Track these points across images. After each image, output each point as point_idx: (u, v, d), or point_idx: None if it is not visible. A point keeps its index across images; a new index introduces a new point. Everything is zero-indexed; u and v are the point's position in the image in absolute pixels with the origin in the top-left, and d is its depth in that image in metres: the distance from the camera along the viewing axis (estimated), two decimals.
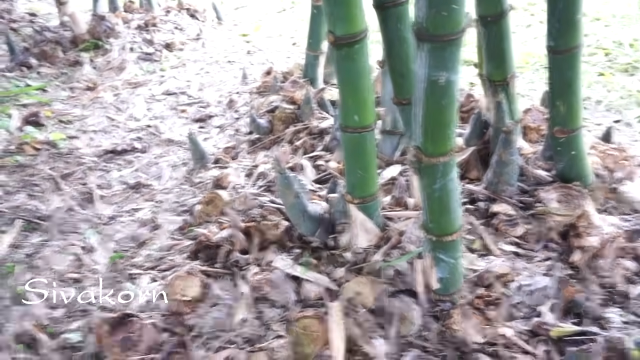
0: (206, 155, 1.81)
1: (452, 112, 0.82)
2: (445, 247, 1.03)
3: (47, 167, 1.95)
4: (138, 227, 1.59)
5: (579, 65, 1.18)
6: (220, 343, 1.14)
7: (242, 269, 1.30)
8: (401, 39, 1.03)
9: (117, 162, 1.99)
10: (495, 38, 1.28)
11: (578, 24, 1.11)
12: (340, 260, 1.24)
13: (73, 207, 1.71)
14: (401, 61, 1.06)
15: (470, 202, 1.38)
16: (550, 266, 1.20)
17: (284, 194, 1.21)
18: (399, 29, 1.01)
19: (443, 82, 0.77)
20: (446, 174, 0.90)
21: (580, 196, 1.27)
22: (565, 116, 1.25)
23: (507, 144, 1.26)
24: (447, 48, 0.74)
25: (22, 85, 2.71)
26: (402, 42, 1.03)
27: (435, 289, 1.10)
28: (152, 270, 1.39)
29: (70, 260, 1.49)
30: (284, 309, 1.18)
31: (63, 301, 1.34)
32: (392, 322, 1.07)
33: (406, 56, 1.05)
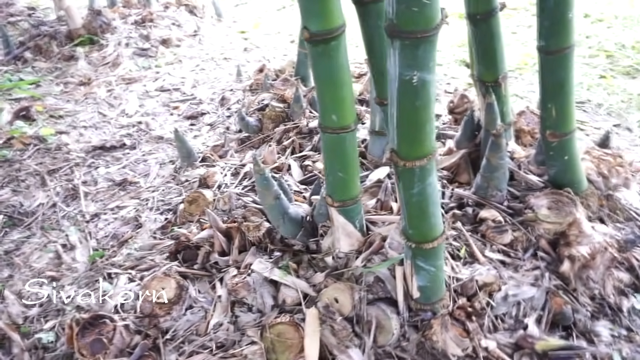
0: (193, 153, 1.78)
1: (427, 114, 0.78)
2: (425, 255, 0.99)
3: (34, 163, 1.93)
4: (120, 226, 1.56)
5: (571, 67, 1.13)
6: (193, 347, 1.10)
7: (221, 271, 1.27)
8: (381, 36, 0.98)
9: (105, 159, 1.96)
10: (485, 37, 1.23)
11: (569, 24, 1.06)
12: (321, 265, 1.20)
13: (57, 204, 1.69)
14: (381, 59, 1.02)
15: (458, 207, 1.33)
16: (538, 276, 1.16)
17: (263, 195, 1.17)
18: (379, 25, 0.97)
19: (416, 81, 0.73)
20: (424, 178, 0.86)
21: (572, 203, 1.22)
22: (557, 119, 1.20)
23: (496, 147, 1.21)
24: (420, 46, 0.70)
25: (15, 80, 2.69)
26: (382, 39, 0.98)
27: (416, 297, 1.06)
28: (131, 270, 1.36)
29: (49, 257, 1.46)
30: (261, 314, 1.15)
31: (39, 300, 1.32)
32: (370, 331, 1.03)
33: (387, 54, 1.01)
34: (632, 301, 1.18)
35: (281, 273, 1.18)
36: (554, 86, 1.16)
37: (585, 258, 1.13)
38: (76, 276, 1.38)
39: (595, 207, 1.32)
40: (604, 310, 1.15)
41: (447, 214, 1.30)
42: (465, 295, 1.10)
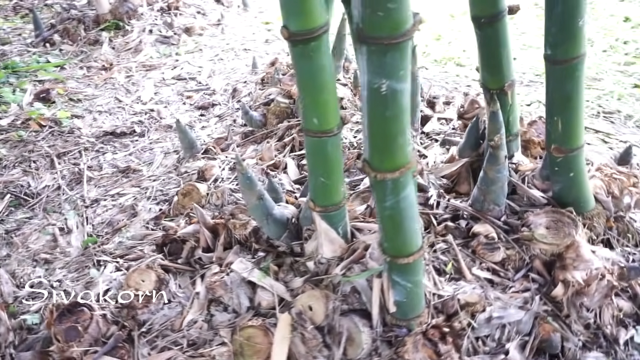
0: (196, 145, 1.78)
1: (399, 125, 0.73)
2: (400, 270, 0.94)
3: (47, 145, 1.98)
4: (117, 213, 1.58)
5: (580, 78, 1.05)
6: (166, 343, 1.10)
7: (203, 267, 1.26)
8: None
9: (114, 145, 1.99)
10: (490, 42, 1.16)
11: (579, 32, 0.98)
12: (303, 269, 1.17)
13: (62, 187, 1.73)
14: None
15: (452, 219, 1.27)
16: (528, 299, 1.09)
17: (246, 195, 1.15)
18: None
19: (385, 90, 0.69)
20: (397, 191, 0.81)
21: (572, 224, 1.14)
22: (563, 134, 1.12)
23: (494, 160, 1.15)
24: (387, 53, 0.65)
25: (42, 61, 2.77)
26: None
27: (392, 312, 1.02)
28: (120, 258, 1.37)
29: (46, 240, 1.50)
30: (236, 315, 1.13)
31: (30, 281, 1.35)
32: (340, 343, 1.00)
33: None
34: (631, 333, 1.09)
35: (260, 275, 1.16)
36: (561, 98, 1.08)
37: (579, 284, 1.05)
38: (68, 260, 1.40)
39: (602, 229, 1.24)
40: (598, 340, 1.08)
41: (439, 226, 1.25)
42: (445, 313, 1.05)
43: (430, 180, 1.41)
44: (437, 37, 2.90)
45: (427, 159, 1.50)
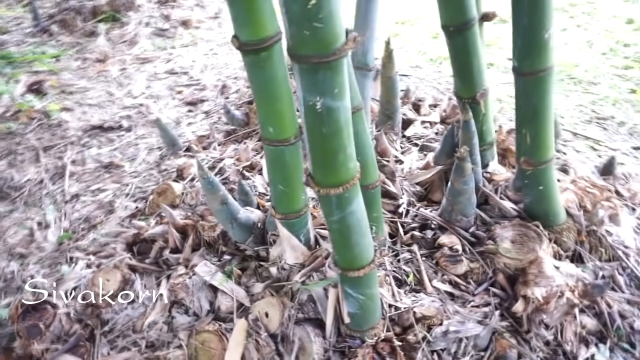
0: (177, 142, 1.78)
1: (338, 142, 0.72)
2: (352, 282, 0.94)
3: (35, 138, 2.00)
4: (95, 209, 1.59)
5: (547, 91, 1.02)
6: (126, 343, 1.11)
7: (170, 268, 1.27)
8: None
9: (100, 139, 2.01)
10: (460, 51, 1.13)
11: (545, 44, 0.96)
12: (265, 275, 1.18)
13: (44, 181, 1.74)
14: None
15: (420, 228, 1.26)
16: (488, 313, 1.08)
17: (209, 200, 1.15)
18: None
19: (320, 108, 0.68)
20: (343, 207, 0.80)
21: (537, 239, 1.12)
22: (531, 147, 1.10)
23: (460, 171, 1.13)
24: (318, 71, 0.64)
25: (39, 52, 2.79)
26: None
27: (347, 322, 1.02)
28: (92, 255, 1.39)
29: (24, 234, 1.52)
30: (196, 318, 1.14)
31: (4, 275, 1.37)
32: (292, 352, 1.00)
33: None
34: (592, 350, 1.08)
35: (222, 279, 1.16)
36: (528, 111, 1.06)
37: (539, 301, 1.04)
38: (42, 256, 1.42)
39: (572, 244, 1.22)
40: (557, 358, 1.07)
41: (406, 235, 1.24)
42: (401, 326, 1.04)
43: (403, 187, 1.39)
44: (435, 35, 2.86)
45: (403, 164, 1.49)
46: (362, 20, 1.32)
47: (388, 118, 1.57)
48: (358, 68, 1.38)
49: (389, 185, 1.33)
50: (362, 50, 1.35)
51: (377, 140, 1.49)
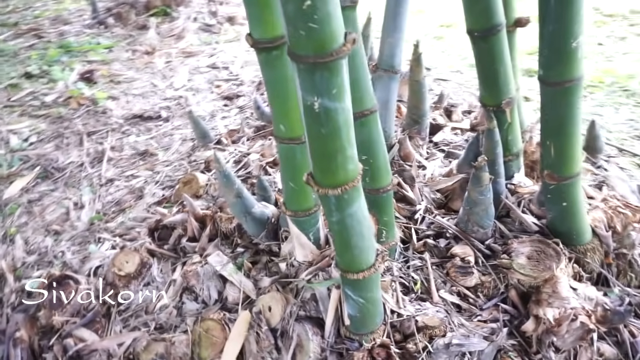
0: (209, 135, 1.84)
1: (337, 143, 0.72)
2: (351, 285, 0.94)
3: (81, 123, 2.13)
4: (126, 194, 1.67)
5: (574, 103, 0.97)
6: (137, 323, 1.17)
7: (186, 255, 1.32)
8: None
9: (139, 127, 2.10)
10: (484, 57, 1.10)
11: (573, 54, 0.91)
12: (274, 270, 1.19)
13: (84, 164, 1.85)
14: None
15: (435, 237, 1.24)
16: (496, 330, 1.04)
17: (224, 192, 1.18)
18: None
19: (318, 108, 0.68)
20: (342, 208, 0.80)
21: (555, 257, 1.07)
22: (556, 160, 1.05)
23: (476, 181, 1.10)
24: (316, 72, 0.64)
25: (94, 43, 2.96)
26: None
27: (347, 325, 1.01)
28: (118, 237, 1.46)
29: (61, 212, 1.62)
30: (204, 305, 1.18)
31: (39, 249, 1.48)
32: (289, 348, 1.01)
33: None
34: None
35: (232, 270, 1.19)
36: (553, 123, 1.01)
37: (550, 322, 0.99)
38: (74, 234, 1.51)
39: (596, 266, 1.15)
40: None
41: (419, 242, 1.22)
42: (402, 333, 1.03)
43: (423, 193, 1.37)
44: None
45: (425, 170, 1.46)
46: (391, 23, 1.31)
47: (415, 122, 1.55)
48: (385, 70, 1.36)
49: (407, 190, 1.31)
50: (389, 52, 1.33)
51: (400, 144, 1.47)
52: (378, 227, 1.13)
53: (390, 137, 1.45)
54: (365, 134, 1.00)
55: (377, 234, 1.13)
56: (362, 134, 1.01)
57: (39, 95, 2.34)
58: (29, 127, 2.09)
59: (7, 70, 2.60)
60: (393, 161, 1.46)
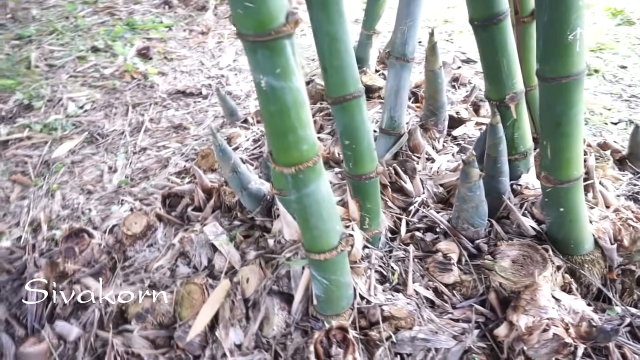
0: (236, 113, 1.91)
1: (287, 122, 0.73)
2: (316, 265, 0.95)
3: (130, 95, 2.30)
4: (154, 162, 1.80)
5: (573, 101, 0.90)
6: (135, 279, 1.27)
7: (189, 223, 1.40)
8: (324, 32, 0.92)
9: (179, 102, 2.23)
10: (486, 48, 1.04)
11: (570, 48, 0.84)
12: (262, 245, 1.24)
13: (125, 132, 2.01)
14: (323, 55, 0.96)
15: (425, 230, 1.21)
16: (466, 330, 1.01)
17: (222, 166, 1.24)
18: (321, 19, 0.91)
19: (264, 86, 0.70)
20: (298, 187, 0.82)
21: (541, 264, 1.01)
22: (552, 162, 0.99)
23: (465, 177, 1.06)
24: (257, 50, 0.66)
25: (157, 22, 3.15)
26: (325, 36, 0.93)
27: (315, 304, 1.04)
28: (138, 201, 1.59)
29: (96, 174, 1.79)
30: (195, 270, 1.25)
31: (72, 205, 1.64)
32: (257, 320, 1.06)
33: (328, 51, 0.94)
34: None
35: (224, 240, 1.25)
36: (550, 120, 0.95)
37: (521, 329, 0.94)
38: (103, 194, 1.66)
39: (596, 279, 1.07)
40: None
41: (408, 234, 1.20)
42: (368, 320, 1.03)
43: (426, 186, 1.34)
44: None
45: (434, 163, 1.42)
46: (405, 9, 1.28)
47: (432, 114, 1.50)
48: (397, 58, 1.34)
49: (405, 181, 1.29)
50: (401, 40, 1.31)
51: (410, 134, 1.44)
52: (361, 214, 1.13)
53: (400, 127, 1.42)
54: (348, 119, 1.01)
55: (360, 221, 1.14)
56: (344, 118, 1.01)
57: (100, 68, 2.56)
58: (86, 96, 2.30)
59: (79, 43, 2.85)
60: (401, 151, 1.44)
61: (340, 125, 1.03)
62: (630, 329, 1.05)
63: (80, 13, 3.37)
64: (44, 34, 3.02)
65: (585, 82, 2.26)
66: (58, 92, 2.34)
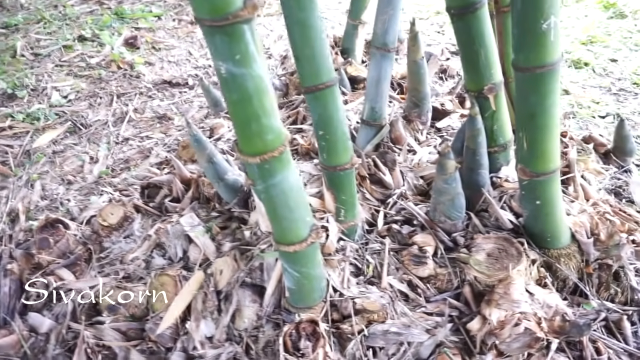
0: (220, 103, 1.88)
1: (249, 110, 0.71)
2: (285, 257, 0.94)
3: (115, 85, 2.27)
4: (136, 153, 1.78)
5: (548, 92, 0.88)
6: (110, 270, 1.26)
7: (167, 214, 1.38)
8: (294, 19, 0.90)
9: (165, 93, 2.21)
10: (463, 38, 1.02)
11: (543, 36, 0.82)
12: (239, 236, 1.22)
13: (108, 122, 1.99)
14: (295, 44, 0.94)
15: (403, 223, 1.20)
16: (439, 324, 1.00)
17: (198, 156, 1.22)
18: (292, 6, 0.89)
19: (225, 73, 0.68)
20: (264, 177, 0.80)
21: (515, 258, 1.00)
22: (528, 154, 0.97)
23: (440, 169, 1.04)
24: (215, 35, 0.64)
25: (146, 11, 3.11)
26: (296, 23, 0.90)
27: (287, 297, 1.02)
28: (118, 192, 1.57)
29: (77, 165, 1.76)
30: (170, 262, 1.24)
31: (51, 195, 1.62)
32: (228, 312, 1.04)
33: (300, 39, 0.92)
34: None
35: (199, 232, 1.24)
36: (525, 112, 0.93)
37: (493, 324, 0.93)
38: (83, 185, 1.64)
39: (571, 273, 1.06)
40: None
41: (384, 227, 1.19)
42: (341, 313, 1.02)
43: (406, 178, 1.32)
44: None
45: (415, 155, 1.40)
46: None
47: (415, 105, 1.48)
48: (377, 48, 1.32)
49: (384, 173, 1.28)
50: (382, 29, 1.28)
51: (392, 126, 1.42)
52: (336, 206, 1.11)
53: (381, 118, 1.40)
54: (321, 108, 0.99)
55: (336, 213, 1.12)
56: (318, 107, 0.99)
57: (86, 57, 2.52)
58: (71, 86, 2.27)
59: (66, 32, 2.81)
60: (382, 143, 1.42)
61: (314, 114, 1.01)
62: (605, 324, 1.04)
63: (69, 2, 3.33)
64: (32, 23, 2.97)
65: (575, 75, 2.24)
66: (43, 81, 2.30)
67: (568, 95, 2.01)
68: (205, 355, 1.01)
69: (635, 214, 1.08)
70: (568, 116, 1.78)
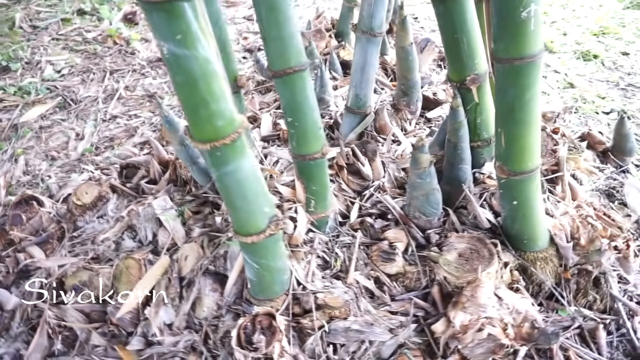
0: None
1: (195, 94, 0.67)
2: (244, 248, 0.91)
3: (109, 61, 2.24)
4: (122, 131, 1.75)
5: (527, 86, 0.82)
6: (80, 250, 1.24)
7: (142, 196, 1.36)
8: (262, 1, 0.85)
9: (157, 71, 2.17)
10: (445, 24, 0.96)
11: (522, 26, 0.75)
12: (209, 222, 1.20)
13: (98, 99, 1.96)
14: (262, 25, 0.89)
15: (378, 216, 1.16)
16: (403, 323, 0.96)
17: (171, 139, 1.19)
18: None
19: (167, 54, 0.63)
20: (217, 165, 0.76)
21: (486, 260, 0.95)
22: (506, 151, 0.91)
23: (414, 163, 0.99)
24: (153, 12, 0.59)
25: None
26: (262, 4, 0.85)
27: (249, 287, 1.00)
28: (99, 170, 1.55)
29: (62, 141, 1.75)
30: (140, 245, 1.22)
31: (34, 171, 1.61)
32: (189, 300, 1.02)
33: (267, 20, 0.87)
34: None
35: (170, 216, 1.21)
36: (503, 107, 0.87)
37: (456, 327, 0.89)
38: (66, 162, 1.63)
39: (547, 278, 1.01)
40: None
41: (357, 219, 1.15)
42: (302, 307, 0.99)
43: (388, 170, 1.28)
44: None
45: (400, 145, 1.35)
46: None
47: (404, 94, 1.42)
48: (363, 32, 1.26)
49: (363, 164, 1.23)
50: (367, 12, 1.22)
51: (377, 114, 1.36)
52: (306, 196, 1.07)
53: (366, 106, 1.35)
54: (290, 94, 0.94)
55: (306, 203, 1.08)
56: (286, 93, 0.95)
57: (83, 32, 2.49)
58: (65, 60, 2.24)
59: (65, 5, 2.78)
60: (366, 131, 1.37)
61: (283, 100, 0.97)
62: (580, 332, 1.00)
63: None
64: None
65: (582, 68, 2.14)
66: (37, 54, 2.28)
67: (573, 88, 1.92)
68: (163, 342, 0.99)
69: (619, 220, 1.02)
70: (568, 111, 1.71)
